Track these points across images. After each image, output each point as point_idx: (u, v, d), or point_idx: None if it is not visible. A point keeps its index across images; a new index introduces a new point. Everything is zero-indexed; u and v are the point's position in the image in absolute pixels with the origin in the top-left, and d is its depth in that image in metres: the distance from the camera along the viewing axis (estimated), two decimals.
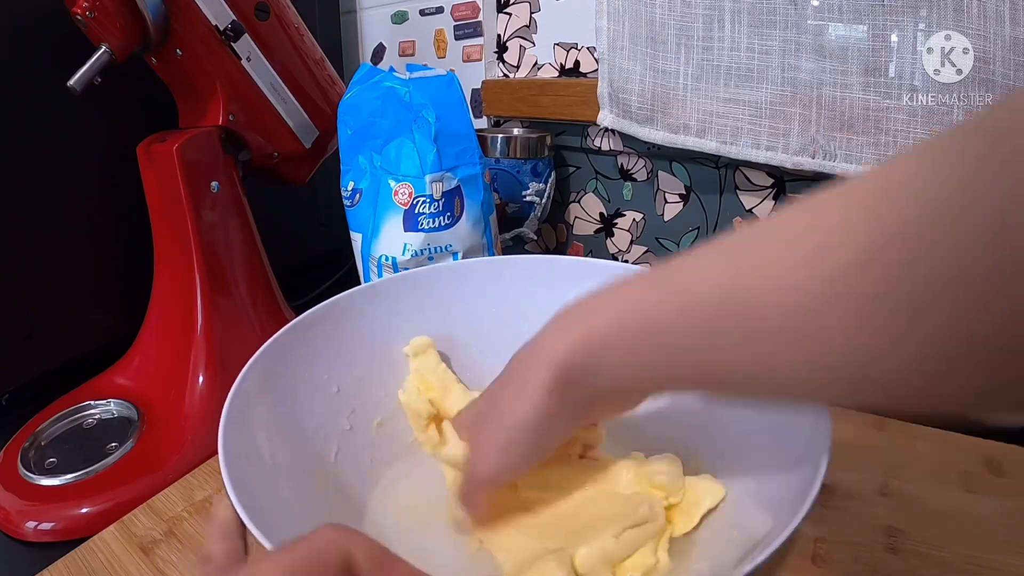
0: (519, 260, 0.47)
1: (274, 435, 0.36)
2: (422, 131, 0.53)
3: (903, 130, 0.54)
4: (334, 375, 0.41)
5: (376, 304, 0.44)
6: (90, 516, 0.44)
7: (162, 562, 0.39)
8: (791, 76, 0.57)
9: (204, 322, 0.52)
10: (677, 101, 0.63)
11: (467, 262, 0.49)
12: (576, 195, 0.79)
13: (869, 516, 0.38)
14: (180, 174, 0.51)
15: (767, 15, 0.57)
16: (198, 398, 0.51)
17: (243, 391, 0.35)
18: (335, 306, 0.42)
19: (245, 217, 0.57)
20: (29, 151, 0.53)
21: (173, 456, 0.48)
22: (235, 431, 0.33)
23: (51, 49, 0.51)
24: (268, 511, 0.29)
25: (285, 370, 0.38)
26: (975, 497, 0.39)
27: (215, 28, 0.51)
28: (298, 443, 0.37)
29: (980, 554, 0.35)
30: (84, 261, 0.58)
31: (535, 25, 0.75)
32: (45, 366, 0.57)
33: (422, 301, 0.45)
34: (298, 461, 0.36)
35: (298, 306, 0.63)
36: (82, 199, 0.57)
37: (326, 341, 0.41)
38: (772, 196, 0.66)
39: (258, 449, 0.34)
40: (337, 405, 0.40)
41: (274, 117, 0.58)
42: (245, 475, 0.30)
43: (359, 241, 0.58)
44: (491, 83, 0.78)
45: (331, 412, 0.40)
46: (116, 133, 0.55)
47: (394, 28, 0.86)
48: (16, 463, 0.47)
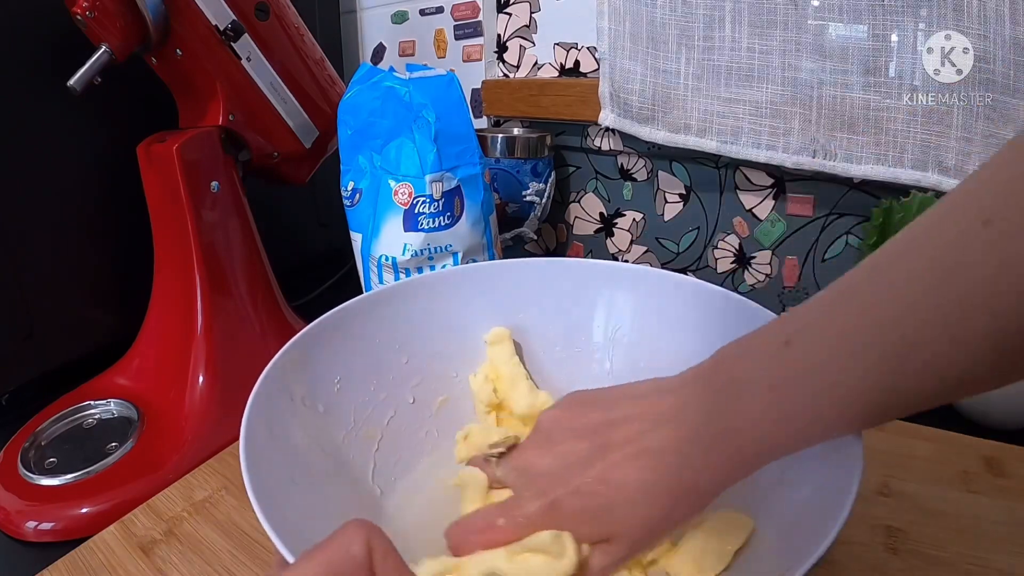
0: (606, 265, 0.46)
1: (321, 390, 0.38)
2: (422, 131, 0.53)
3: (903, 130, 0.54)
4: (407, 346, 0.42)
5: (463, 288, 0.45)
6: (90, 516, 0.44)
7: (162, 562, 0.39)
8: (791, 76, 0.57)
9: (204, 322, 0.52)
10: (678, 101, 0.63)
11: (567, 260, 0.48)
12: (576, 195, 0.79)
13: (869, 516, 0.38)
14: (180, 174, 0.51)
15: (767, 15, 0.57)
16: (198, 398, 0.51)
17: (314, 335, 0.38)
18: (421, 283, 0.45)
19: (245, 217, 0.57)
20: (29, 151, 0.53)
21: (173, 456, 0.48)
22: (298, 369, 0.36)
23: (51, 49, 0.51)
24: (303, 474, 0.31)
25: (358, 332, 0.40)
26: (975, 497, 0.39)
27: (215, 28, 0.51)
28: (348, 406, 0.39)
29: (980, 554, 0.35)
30: (84, 261, 0.58)
31: (535, 25, 0.75)
32: (45, 366, 0.57)
33: (504, 292, 0.45)
34: (344, 421, 0.38)
35: (298, 306, 0.63)
36: (82, 199, 0.57)
37: (407, 315, 0.43)
38: (772, 196, 0.66)
39: (297, 403, 0.36)
40: (405, 375, 0.42)
41: (274, 117, 0.58)
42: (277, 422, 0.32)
43: (359, 241, 0.58)
44: (491, 83, 0.78)
45: (397, 380, 0.41)
46: (116, 133, 0.55)
47: (394, 28, 0.86)
48: (16, 463, 0.47)
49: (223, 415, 0.51)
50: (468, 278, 0.45)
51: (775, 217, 0.66)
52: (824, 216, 0.64)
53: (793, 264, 0.67)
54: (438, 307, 0.44)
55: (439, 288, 0.44)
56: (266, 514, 0.26)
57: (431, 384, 0.43)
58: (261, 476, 0.29)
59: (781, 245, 0.67)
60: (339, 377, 0.39)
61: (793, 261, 0.67)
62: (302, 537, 0.25)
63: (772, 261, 0.68)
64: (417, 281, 0.45)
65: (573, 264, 0.46)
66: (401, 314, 0.43)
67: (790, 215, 0.65)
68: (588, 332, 0.44)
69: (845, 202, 0.62)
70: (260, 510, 0.26)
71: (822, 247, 0.65)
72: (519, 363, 0.43)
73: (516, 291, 0.45)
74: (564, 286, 0.45)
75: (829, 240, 0.64)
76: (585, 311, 0.44)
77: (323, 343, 0.39)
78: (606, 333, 0.44)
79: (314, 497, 0.33)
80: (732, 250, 0.70)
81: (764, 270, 0.69)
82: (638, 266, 0.45)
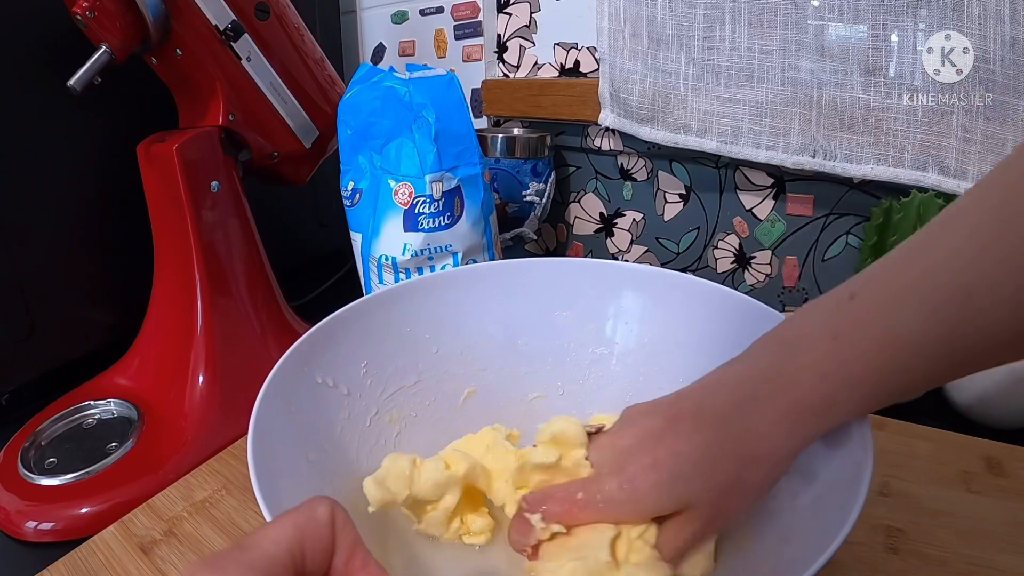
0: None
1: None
2: (422, 131, 0.53)
3: (903, 130, 0.54)
4: (438, 336, 0.42)
5: (500, 283, 0.45)
6: (90, 516, 0.43)
7: (162, 562, 0.39)
8: (791, 76, 0.57)
9: (204, 322, 0.52)
10: (678, 101, 0.63)
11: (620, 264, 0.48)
12: (576, 195, 0.79)
13: (868, 516, 0.38)
14: (180, 174, 0.51)
15: (767, 15, 0.57)
16: (198, 398, 0.51)
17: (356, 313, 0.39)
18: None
19: (245, 217, 0.57)
20: (29, 151, 0.53)
21: (173, 456, 0.48)
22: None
23: (51, 49, 0.51)
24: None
25: (390, 318, 0.41)
26: (975, 497, 0.39)
27: (215, 28, 0.51)
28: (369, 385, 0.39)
29: (980, 554, 0.35)
30: (84, 261, 0.58)
31: (535, 25, 0.75)
32: (45, 366, 0.57)
33: (539, 289, 0.45)
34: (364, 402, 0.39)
35: (298, 306, 0.63)
36: (82, 199, 0.57)
37: (441, 306, 0.43)
38: (772, 196, 0.66)
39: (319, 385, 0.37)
40: (434, 364, 0.42)
41: (274, 117, 0.58)
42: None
43: (359, 241, 0.58)
44: (491, 83, 0.78)
45: (425, 368, 0.42)
46: (116, 133, 0.55)
47: (394, 28, 0.86)
48: (16, 463, 0.47)
49: (223, 415, 0.51)
50: (506, 272, 0.45)
51: (775, 217, 0.66)
52: (824, 216, 0.64)
53: (793, 264, 0.67)
54: (472, 300, 0.44)
55: (475, 281, 0.45)
56: (260, 480, 0.27)
57: (459, 375, 0.43)
58: (265, 443, 0.30)
59: (781, 245, 0.67)
60: (366, 361, 0.39)
61: (793, 261, 0.67)
62: (289, 502, 0.26)
63: (772, 261, 0.68)
64: (455, 273, 0.45)
65: (617, 268, 0.45)
66: (435, 304, 0.43)
67: (790, 215, 0.65)
68: (622, 334, 0.44)
69: (845, 202, 0.62)
70: (255, 475, 0.27)
71: (822, 247, 0.65)
72: None
73: (551, 289, 0.45)
74: (603, 287, 0.45)
75: (829, 240, 0.64)
76: (616, 313, 0.44)
77: (353, 327, 0.39)
78: (639, 339, 0.44)
79: (317, 473, 0.33)
80: (732, 250, 0.70)
81: (764, 270, 0.69)
82: (694, 277, 0.44)
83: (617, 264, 0.45)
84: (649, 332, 0.43)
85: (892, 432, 0.45)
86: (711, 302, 0.41)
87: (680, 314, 0.42)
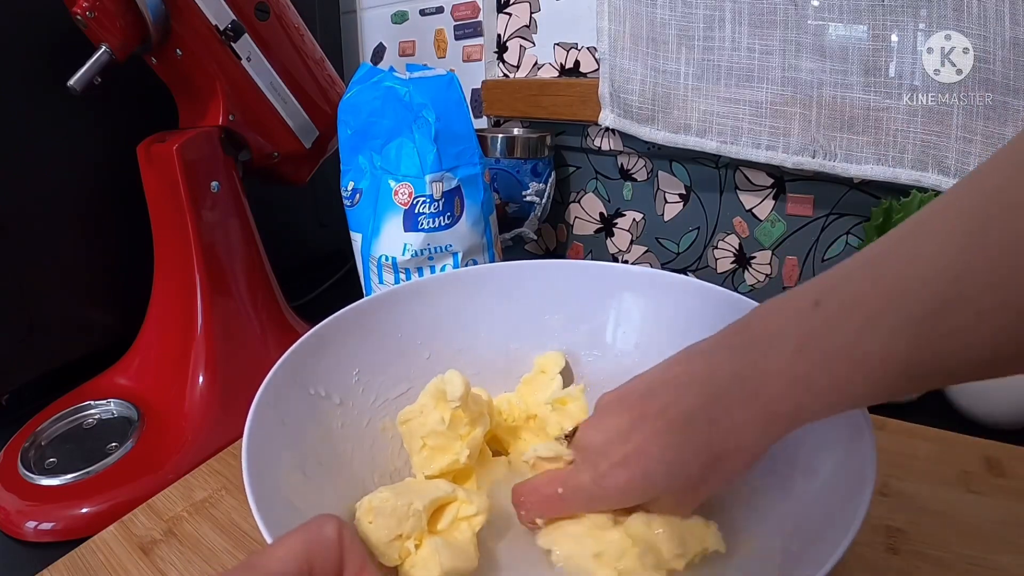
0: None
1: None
2: (422, 131, 0.53)
3: (903, 130, 0.54)
4: (429, 343, 0.42)
5: (488, 286, 0.45)
6: (90, 516, 0.44)
7: (162, 562, 0.39)
8: (791, 76, 0.57)
9: (204, 322, 0.52)
10: (678, 101, 0.63)
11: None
12: (576, 195, 0.79)
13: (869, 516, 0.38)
14: (180, 174, 0.51)
15: (767, 15, 0.57)
16: (198, 398, 0.51)
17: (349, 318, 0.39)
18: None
19: (245, 217, 0.57)
20: (29, 151, 0.53)
21: (173, 456, 0.48)
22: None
23: (51, 49, 0.51)
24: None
25: (380, 326, 0.41)
26: (975, 497, 0.39)
27: (215, 28, 0.51)
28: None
29: (980, 554, 0.35)
30: (84, 261, 0.58)
31: (535, 25, 0.75)
32: (45, 366, 0.57)
33: (530, 293, 0.45)
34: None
35: (298, 306, 0.63)
36: (82, 199, 0.57)
37: (432, 312, 0.43)
38: (772, 196, 0.66)
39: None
40: (426, 370, 0.41)
41: (274, 117, 0.58)
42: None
43: (359, 241, 0.58)
44: (491, 83, 0.78)
45: (417, 375, 0.41)
46: (116, 133, 0.55)
47: (394, 28, 0.86)
48: (16, 463, 0.47)
49: (223, 415, 0.51)
50: (495, 276, 0.45)
51: (775, 217, 0.66)
52: (824, 216, 0.64)
53: (793, 264, 0.67)
54: (463, 305, 0.44)
55: (466, 285, 0.44)
56: (256, 494, 0.27)
57: None
58: (259, 457, 0.30)
59: (781, 245, 0.67)
60: (358, 369, 0.39)
61: (793, 261, 0.67)
62: (287, 520, 0.26)
63: (772, 261, 0.68)
64: (443, 278, 0.45)
65: (608, 269, 0.45)
66: (426, 310, 0.43)
67: (790, 215, 0.65)
68: (616, 337, 0.44)
69: (845, 202, 0.62)
70: (250, 487, 0.27)
71: (822, 247, 0.65)
72: (561, 387, 0.42)
73: (543, 293, 0.45)
74: (595, 289, 0.45)
75: (829, 240, 0.64)
76: (611, 316, 0.44)
77: (343, 335, 0.39)
78: (637, 342, 0.44)
79: (314, 487, 0.33)
80: (732, 250, 0.70)
81: (764, 270, 0.69)
82: (688, 278, 0.44)
83: (610, 265, 0.45)
84: (644, 334, 0.43)
85: (892, 432, 0.45)
86: (707, 302, 0.41)
87: (673, 315, 0.42)
